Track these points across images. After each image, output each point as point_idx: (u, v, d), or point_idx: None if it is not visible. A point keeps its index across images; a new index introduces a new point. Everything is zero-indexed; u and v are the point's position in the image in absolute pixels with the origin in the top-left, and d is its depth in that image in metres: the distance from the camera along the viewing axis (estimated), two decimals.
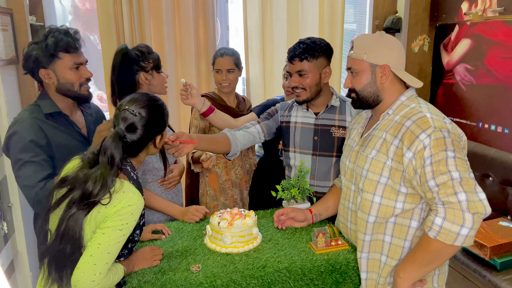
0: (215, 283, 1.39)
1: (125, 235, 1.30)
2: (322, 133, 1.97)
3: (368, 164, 1.47)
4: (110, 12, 2.86)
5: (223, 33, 3.33)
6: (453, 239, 1.26)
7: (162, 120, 1.47)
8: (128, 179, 1.38)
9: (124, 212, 1.29)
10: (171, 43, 3.00)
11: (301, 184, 1.85)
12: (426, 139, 1.33)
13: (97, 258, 1.24)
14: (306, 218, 1.75)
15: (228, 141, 1.90)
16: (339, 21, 3.23)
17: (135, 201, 1.31)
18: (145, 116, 1.39)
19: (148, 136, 1.42)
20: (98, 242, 1.25)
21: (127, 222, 1.29)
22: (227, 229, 1.56)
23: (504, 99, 2.64)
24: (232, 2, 3.43)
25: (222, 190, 2.27)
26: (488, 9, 2.71)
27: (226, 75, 2.27)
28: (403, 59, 1.53)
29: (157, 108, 1.44)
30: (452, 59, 3.10)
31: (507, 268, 2.09)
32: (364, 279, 1.51)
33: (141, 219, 1.43)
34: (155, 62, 1.94)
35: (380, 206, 1.44)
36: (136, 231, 1.42)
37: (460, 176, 1.28)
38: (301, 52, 1.89)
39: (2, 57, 2.44)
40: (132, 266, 1.45)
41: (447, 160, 1.30)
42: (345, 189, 1.64)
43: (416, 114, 1.40)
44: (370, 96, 1.53)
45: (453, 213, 1.25)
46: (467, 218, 1.24)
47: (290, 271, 1.46)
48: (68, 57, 1.72)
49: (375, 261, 1.49)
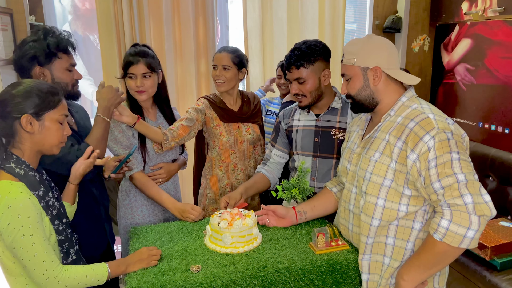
0: (215, 283, 1.39)
1: (36, 235, 1.27)
2: (322, 135, 1.97)
3: (371, 166, 1.46)
4: (109, 12, 2.86)
5: (223, 33, 3.33)
6: (459, 242, 1.26)
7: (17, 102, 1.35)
8: (13, 176, 1.32)
9: (9, 218, 1.24)
10: (171, 43, 3.00)
11: (301, 184, 1.85)
12: (430, 140, 1.32)
13: (31, 265, 1.27)
14: (288, 213, 1.74)
15: (267, 178, 2.07)
16: (340, 21, 3.23)
17: (12, 199, 1.25)
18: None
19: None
20: (19, 256, 1.27)
21: (22, 225, 1.25)
22: (227, 229, 1.56)
23: (504, 99, 2.64)
24: (232, 2, 3.43)
25: (223, 193, 2.25)
26: (488, 9, 2.71)
27: (221, 71, 2.13)
28: (395, 58, 1.51)
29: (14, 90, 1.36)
30: (453, 59, 3.10)
31: (507, 268, 2.09)
32: (366, 281, 1.50)
33: (47, 211, 1.37)
34: (125, 64, 1.96)
35: (384, 209, 1.43)
36: (55, 221, 1.38)
37: (465, 178, 1.28)
38: (296, 59, 1.87)
39: (2, 57, 2.44)
40: (124, 266, 1.45)
41: (452, 162, 1.29)
42: (346, 192, 1.62)
43: (419, 115, 1.39)
44: (365, 99, 1.52)
45: (460, 216, 1.25)
46: (474, 221, 1.24)
47: (290, 272, 1.46)
48: (65, 57, 1.75)
49: (378, 262, 1.48)
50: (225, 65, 2.13)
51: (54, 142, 1.42)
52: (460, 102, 3.00)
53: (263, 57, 3.22)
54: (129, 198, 2.03)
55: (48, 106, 1.38)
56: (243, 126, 2.23)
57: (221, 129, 2.18)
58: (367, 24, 3.52)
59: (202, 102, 2.19)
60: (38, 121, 1.36)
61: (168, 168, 2.07)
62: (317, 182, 1.99)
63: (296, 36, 3.24)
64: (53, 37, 1.71)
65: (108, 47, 2.91)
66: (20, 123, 1.34)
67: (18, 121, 1.34)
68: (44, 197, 1.36)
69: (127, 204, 2.04)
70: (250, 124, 2.25)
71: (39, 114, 1.36)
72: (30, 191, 1.32)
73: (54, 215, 1.39)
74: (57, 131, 1.41)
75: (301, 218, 1.75)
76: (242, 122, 2.23)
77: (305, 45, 1.89)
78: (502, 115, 2.67)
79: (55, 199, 1.43)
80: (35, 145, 1.39)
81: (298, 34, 3.23)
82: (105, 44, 2.91)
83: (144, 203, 2.03)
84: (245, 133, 2.22)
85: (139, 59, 1.91)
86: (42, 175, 1.45)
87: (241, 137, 2.21)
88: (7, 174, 1.32)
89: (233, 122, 2.21)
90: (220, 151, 2.19)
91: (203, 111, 2.16)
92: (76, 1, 3.30)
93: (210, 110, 2.18)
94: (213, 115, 2.18)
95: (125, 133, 1.95)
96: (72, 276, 1.32)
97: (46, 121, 1.38)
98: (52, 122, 1.39)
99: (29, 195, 1.30)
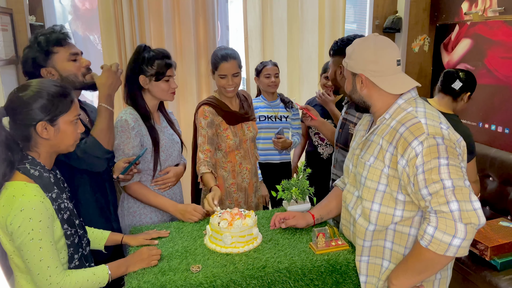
0: (215, 283, 1.39)
1: (45, 240, 1.28)
2: (345, 127, 2.05)
3: (366, 171, 1.45)
4: (110, 12, 2.86)
5: (223, 33, 3.33)
6: (444, 249, 1.23)
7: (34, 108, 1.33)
8: (28, 177, 1.32)
9: (20, 221, 1.24)
10: (171, 43, 3.00)
11: (301, 184, 1.85)
12: (418, 146, 1.30)
13: (36, 269, 1.28)
14: (308, 224, 1.74)
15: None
16: (340, 21, 3.23)
17: (26, 202, 1.26)
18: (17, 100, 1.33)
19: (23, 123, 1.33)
20: (25, 258, 1.28)
21: (32, 228, 1.25)
22: (227, 229, 1.56)
23: (504, 99, 2.64)
24: (232, 2, 3.43)
25: (228, 194, 2.24)
26: (488, 9, 2.71)
27: (232, 79, 2.11)
28: (386, 62, 1.44)
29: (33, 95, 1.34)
30: (453, 59, 3.10)
31: (507, 268, 2.09)
32: (364, 282, 1.50)
33: (59, 214, 1.36)
34: (158, 69, 1.89)
35: (379, 214, 1.41)
36: (64, 225, 1.37)
37: (452, 185, 1.25)
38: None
39: (2, 57, 2.45)
40: (124, 267, 1.45)
41: (439, 168, 1.27)
42: (346, 193, 1.61)
43: (410, 120, 1.36)
44: (358, 102, 1.52)
45: (445, 223, 1.22)
46: (459, 229, 1.21)
47: (290, 271, 1.46)
48: (62, 50, 1.74)
49: (376, 265, 1.48)
50: (235, 73, 2.11)
51: (70, 142, 1.42)
52: None
53: (263, 57, 3.22)
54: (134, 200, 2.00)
55: (62, 110, 1.37)
56: (245, 126, 2.24)
57: (227, 132, 2.17)
58: (367, 24, 3.51)
59: (208, 112, 2.12)
60: (53, 127, 1.36)
61: (176, 171, 2.05)
62: (337, 170, 2.08)
63: (296, 36, 3.24)
64: (42, 35, 1.71)
65: (109, 47, 2.91)
66: (36, 130, 1.33)
67: (33, 128, 1.33)
68: (56, 199, 1.36)
69: (131, 206, 2.00)
70: (250, 122, 2.27)
71: (53, 119, 1.35)
72: (44, 193, 1.32)
73: (65, 218, 1.39)
74: (72, 133, 1.41)
75: (317, 223, 1.78)
76: (244, 121, 2.24)
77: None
78: (502, 115, 2.67)
79: (68, 200, 1.43)
80: (51, 147, 1.39)
81: (298, 34, 3.23)
82: (105, 44, 2.91)
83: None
84: (247, 132, 2.24)
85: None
86: (56, 175, 1.45)
87: (245, 136, 2.22)
88: (22, 175, 1.32)
89: (237, 124, 2.20)
90: (226, 153, 2.18)
91: (213, 121, 2.13)
92: (76, 1, 3.30)
93: (217, 117, 2.15)
94: (220, 121, 2.15)
95: (133, 139, 1.88)
96: (73, 281, 1.33)
97: (61, 124, 1.37)
98: (67, 124, 1.39)
99: (43, 198, 1.30)
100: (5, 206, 1.27)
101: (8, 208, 1.26)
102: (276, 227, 1.75)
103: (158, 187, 1.98)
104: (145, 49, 1.92)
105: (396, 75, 1.45)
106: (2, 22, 2.47)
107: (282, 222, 1.74)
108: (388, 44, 1.47)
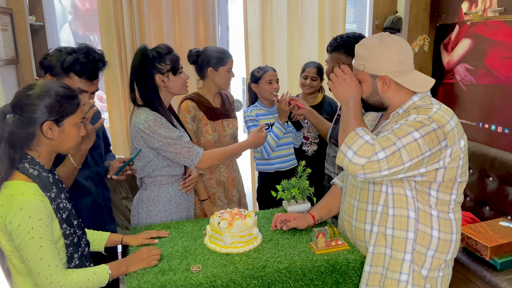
0: (215, 283, 1.39)
1: (45, 238, 1.27)
2: (339, 123, 2.03)
3: None
4: (110, 12, 2.86)
5: (223, 33, 3.33)
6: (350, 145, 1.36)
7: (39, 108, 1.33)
8: (27, 177, 1.32)
9: (20, 220, 1.24)
10: (171, 43, 2.99)
11: (301, 184, 1.85)
12: (411, 116, 1.37)
13: (36, 268, 1.28)
14: (309, 225, 1.75)
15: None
16: (340, 21, 3.23)
17: (25, 200, 1.26)
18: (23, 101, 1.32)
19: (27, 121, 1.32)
20: (25, 257, 1.28)
21: (32, 227, 1.25)
22: (227, 229, 1.56)
23: (504, 99, 2.64)
24: (232, 2, 3.43)
25: (207, 188, 2.28)
26: (488, 9, 2.71)
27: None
28: (407, 61, 1.46)
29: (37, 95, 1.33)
30: (453, 59, 3.10)
31: (507, 268, 2.09)
32: (367, 272, 1.49)
33: (57, 214, 1.35)
34: (173, 64, 1.88)
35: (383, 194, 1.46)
36: (63, 225, 1.37)
37: (401, 144, 1.31)
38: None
39: (2, 57, 2.45)
40: (125, 267, 1.45)
41: (409, 134, 1.32)
42: (351, 187, 1.60)
43: (423, 106, 1.40)
44: (375, 104, 1.51)
45: (367, 148, 1.32)
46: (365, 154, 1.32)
47: (290, 271, 1.46)
48: (76, 80, 1.68)
49: (380, 255, 1.47)
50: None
51: (71, 144, 1.43)
52: (460, 102, 2.99)
53: (263, 57, 3.22)
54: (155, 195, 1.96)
55: (69, 112, 1.37)
56: (224, 122, 2.33)
57: (207, 127, 2.25)
58: (367, 24, 3.51)
59: (191, 107, 2.21)
60: (58, 127, 1.36)
61: (197, 171, 2.09)
62: (329, 164, 2.17)
63: (296, 36, 3.24)
64: (77, 53, 1.67)
65: (109, 47, 2.91)
66: (41, 129, 1.33)
67: (39, 127, 1.33)
68: (55, 199, 1.36)
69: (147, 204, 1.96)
70: (230, 119, 2.37)
71: (59, 120, 1.35)
72: (43, 193, 1.32)
73: (64, 218, 1.38)
74: (75, 135, 1.42)
75: (317, 221, 1.78)
76: (224, 118, 2.33)
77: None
78: (502, 115, 2.66)
79: (66, 200, 1.43)
80: (52, 147, 1.39)
81: (298, 34, 3.23)
82: (105, 44, 2.91)
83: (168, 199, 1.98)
84: (227, 128, 2.32)
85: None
86: (55, 175, 1.45)
87: (224, 132, 2.30)
88: (21, 174, 1.32)
89: (218, 120, 2.29)
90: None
91: (195, 116, 2.22)
92: (76, 1, 3.30)
93: (198, 111, 2.23)
94: (201, 115, 2.24)
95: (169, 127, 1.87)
96: (74, 280, 1.33)
97: (66, 126, 1.38)
98: (71, 127, 1.39)
99: (42, 197, 1.30)
100: (4, 205, 1.27)
101: (7, 207, 1.26)
102: (278, 228, 1.75)
103: (185, 189, 2.00)
104: (149, 49, 1.90)
105: (414, 72, 1.48)
106: (2, 22, 2.47)
107: (283, 224, 1.74)
108: (404, 42, 1.49)
